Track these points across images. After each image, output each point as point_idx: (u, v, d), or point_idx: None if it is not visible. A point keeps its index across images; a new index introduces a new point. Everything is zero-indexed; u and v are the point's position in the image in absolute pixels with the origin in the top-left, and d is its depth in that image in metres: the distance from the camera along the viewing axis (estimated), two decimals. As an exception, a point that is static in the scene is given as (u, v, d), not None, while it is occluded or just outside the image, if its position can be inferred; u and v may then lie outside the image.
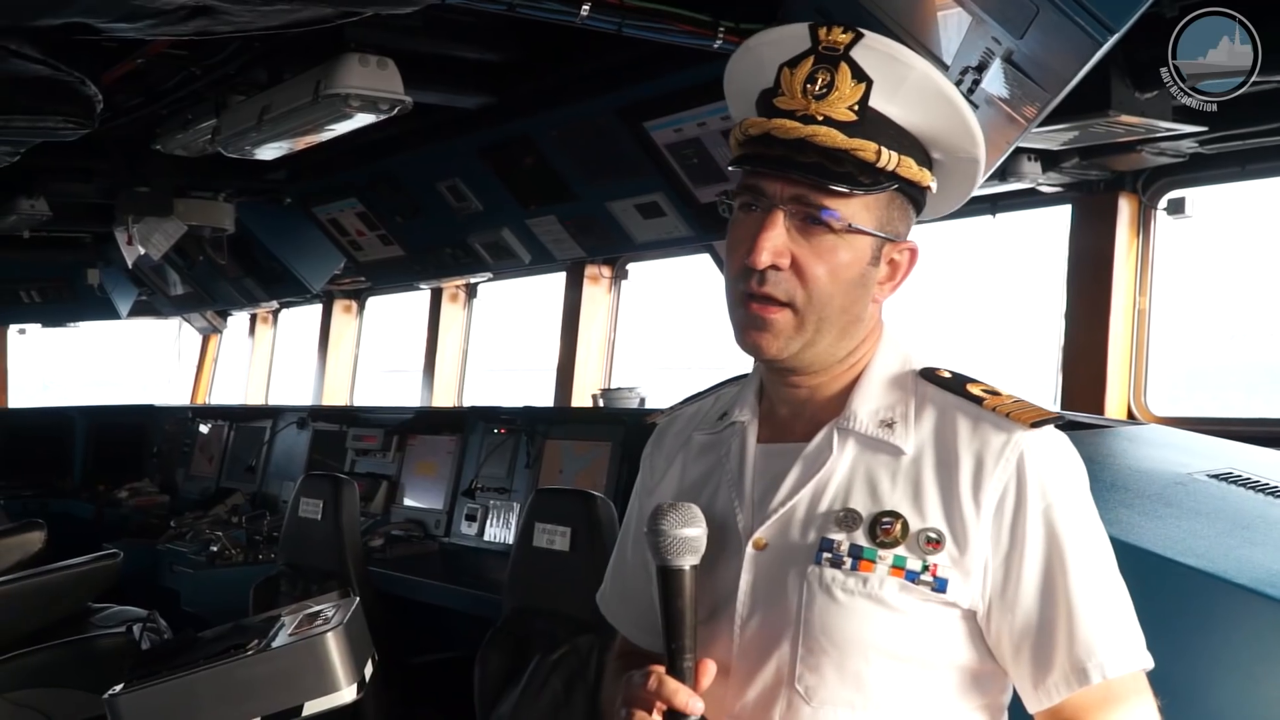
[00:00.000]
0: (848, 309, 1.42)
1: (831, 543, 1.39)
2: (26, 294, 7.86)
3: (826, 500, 1.41)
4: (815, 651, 1.37)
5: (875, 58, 1.38)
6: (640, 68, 3.64)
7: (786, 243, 1.38)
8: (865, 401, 1.45)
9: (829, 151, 1.36)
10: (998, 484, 1.37)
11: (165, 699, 2.26)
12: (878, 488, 1.40)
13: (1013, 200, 4.04)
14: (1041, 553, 1.36)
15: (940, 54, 2.29)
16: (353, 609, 2.48)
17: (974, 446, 1.39)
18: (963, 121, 1.43)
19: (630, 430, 4.42)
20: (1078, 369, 3.92)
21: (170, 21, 2.40)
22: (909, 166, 1.41)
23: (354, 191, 5.40)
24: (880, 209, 1.41)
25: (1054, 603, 1.36)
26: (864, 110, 1.37)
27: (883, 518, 1.38)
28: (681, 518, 1.38)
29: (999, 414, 1.40)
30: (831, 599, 1.37)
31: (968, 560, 1.36)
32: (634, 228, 4.38)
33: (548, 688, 3.20)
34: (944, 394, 1.45)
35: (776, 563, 1.41)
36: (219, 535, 5.27)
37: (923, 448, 1.41)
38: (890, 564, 1.36)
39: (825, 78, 1.37)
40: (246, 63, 3.54)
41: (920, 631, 1.37)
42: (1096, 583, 1.37)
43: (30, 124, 3.20)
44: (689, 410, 1.66)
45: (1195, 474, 2.49)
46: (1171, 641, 1.45)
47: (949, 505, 1.37)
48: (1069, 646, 1.35)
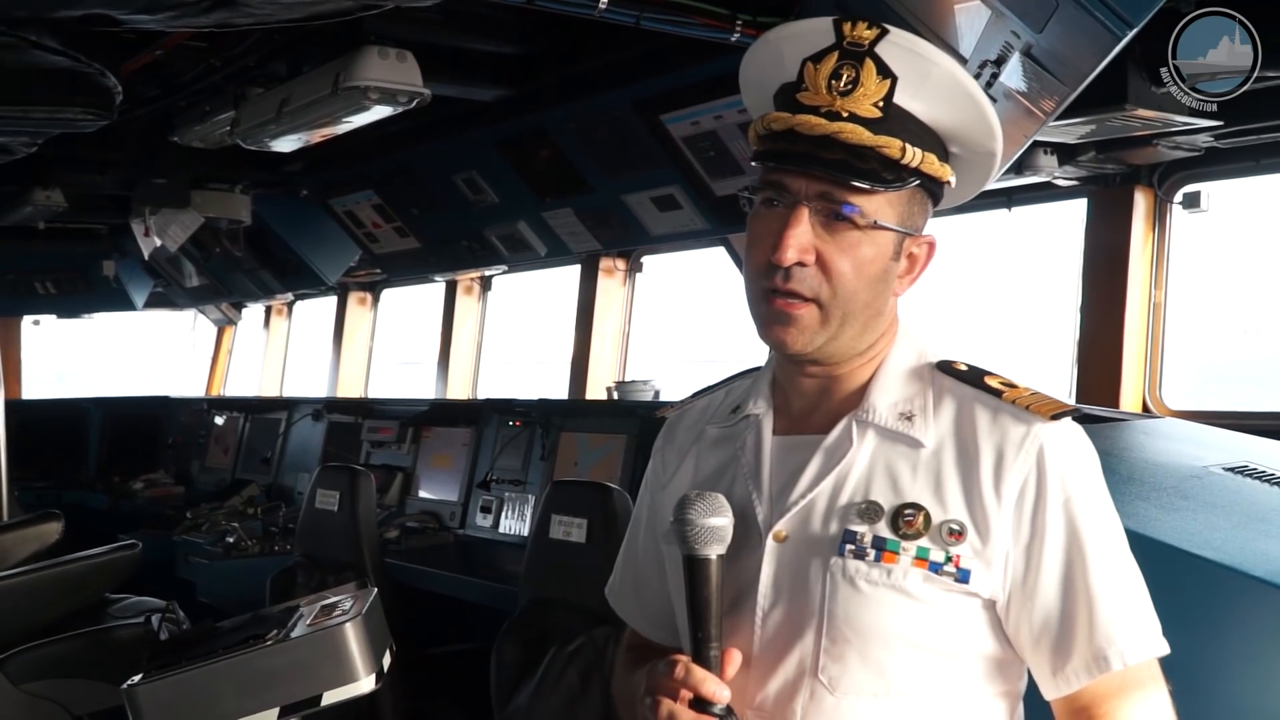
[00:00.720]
0: (871, 303, 1.43)
1: (854, 534, 1.39)
2: (42, 285, 7.88)
3: (847, 492, 1.42)
4: (839, 642, 1.38)
5: (900, 54, 1.38)
6: (657, 61, 3.64)
7: (811, 239, 1.39)
8: (884, 394, 1.46)
9: (854, 148, 1.37)
10: (1018, 475, 1.38)
11: (184, 689, 2.26)
12: (899, 480, 1.41)
13: (1029, 194, 4.04)
14: (1062, 543, 1.37)
15: (959, 47, 2.29)
16: (371, 600, 2.48)
17: (994, 438, 1.40)
18: (983, 117, 1.43)
19: (645, 423, 4.43)
20: (1093, 362, 3.92)
21: (191, 13, 2.41)
22: (931, 163, 1.41)
23: (370, 184, 5.41)
24: (902, 204, 1.42)
25: (1074, 592, 1.37)
26: (889, 107, 1.38)
27: (905, 509, 1.39)
28: (708, 507, 1.39)
29: (1018, 406, 1.41)
30: (855, 590, 1.38)
31: (989, 551, 1.37)
32: (650, 221, 4.38)
33: (564, 679, 3.21)
34: (962, 386, 1.45)
35: (798, 555, 1.42)
36: (235, 526, 5.29)
37: (943, 440, 1.42)
38: (913, 555, 1.37)
39: (850, 74, 1.37)
40: (266, 55, 3.55)
41: (942, 621, 1.38)
42: (1115, 571, 1.39)
43: (49, 115, 3.21)
44: (700, 404, 1.67)
45: (1211, 467, 2.49)
46: (1187, 633, 1.46)
47: (970, 496, 1.38)
48: (1089, 634, 1.36)
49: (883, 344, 1.49)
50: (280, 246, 6.30)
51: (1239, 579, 2.02)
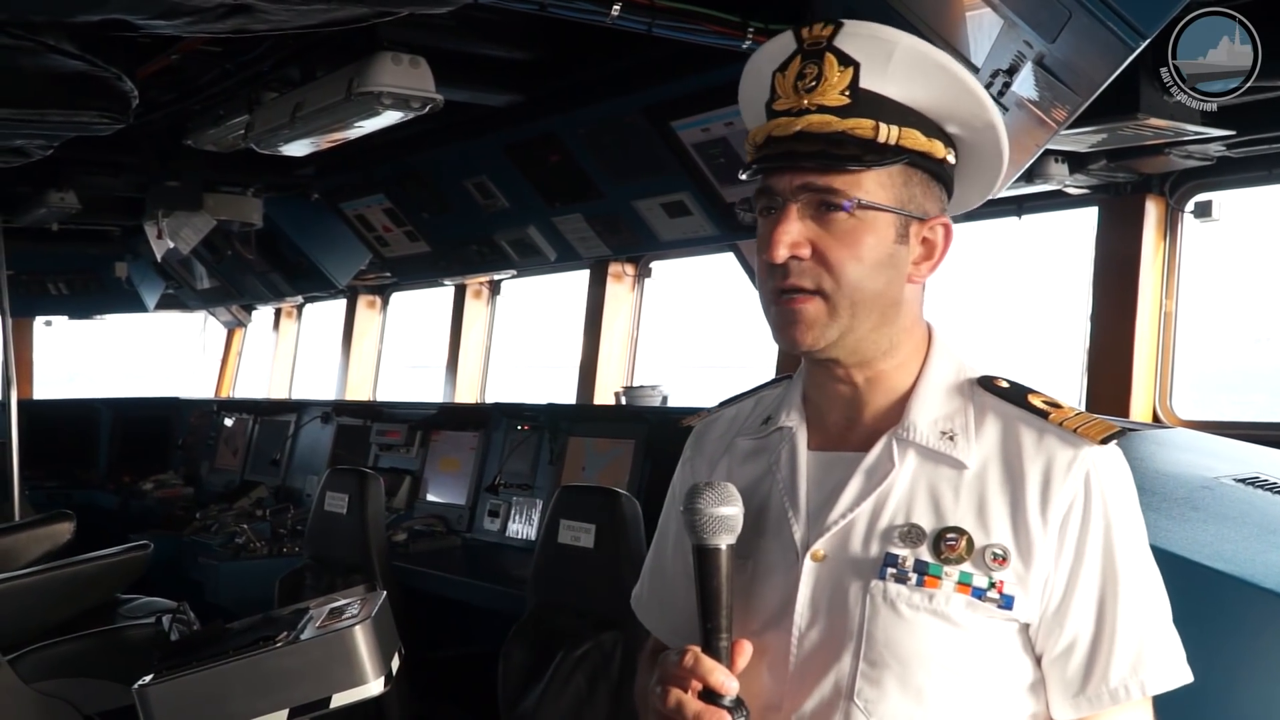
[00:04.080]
0: (882, 291, 1.41)
1: (895, 558, 1.38)
2: (54, 286, 7.92)
3: (888, 514, 1.41)
4: (877, 665, 1.37)
5: (859, 41, 1.39)
6: (668, 67, 3.65)
7: (804, 232, 1.39)
8: (924, 411, 1.44)
9: (828, 136, 1.37)
10: (1064, 499, 1.37)
11: (194, 689, 2.27)
12: (940, 503, 1.40)
13: (1039, 202, 4.04)
14: (1099, 568, 1.37)
15: (971, 56, 2.30)
16: (380, 603, 2.49)
17: (1040, 461, 1.39)
18: (965, 88, 1.42)
19: (653, 428, 4.43)
20: (1103, 371, 3.92)
21: (208, 19, 2.42)
22: (914, 137, 1.40)
23: (381, 188, 5.42)
24: (896, 185, 1.41)
25: (1106, 618, 1.37)
26: (856, 92, 1.38)
27: (947, 534, 1.38)
28: (718, 496, 1.38)
29: (1066, 429, 1.40)
30: (896, 614, 1.37)
31: (1031, 575, 1.36)
32: (660, 226, 4.39)
33: (571, 684, 3.21)
34: (1005, 405, 1.44)
35: (836, 575, 1.41)
36: (243, 528, 5.31)
37: (986, 462, 1.41)
38: (956, 580, 1.36)
39: (813, 71, 1.39)
40: (280, 60, 3.58)
41: (982, 646, 1.37)
42: (1147, 600, 1.39)
43: (66, 118, 3.22)
44: (728, 413, 1.66)
45: (1222, 478, 2.49)
46: (1198, 645, 1.45)
47: (1016, 521, 1.37)
48: (1118, 662, 1.36)
49: (909, 347, 1.48)
50: (291, 249, 6.32)
51: (1250, 591, 2.02)
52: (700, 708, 1.34)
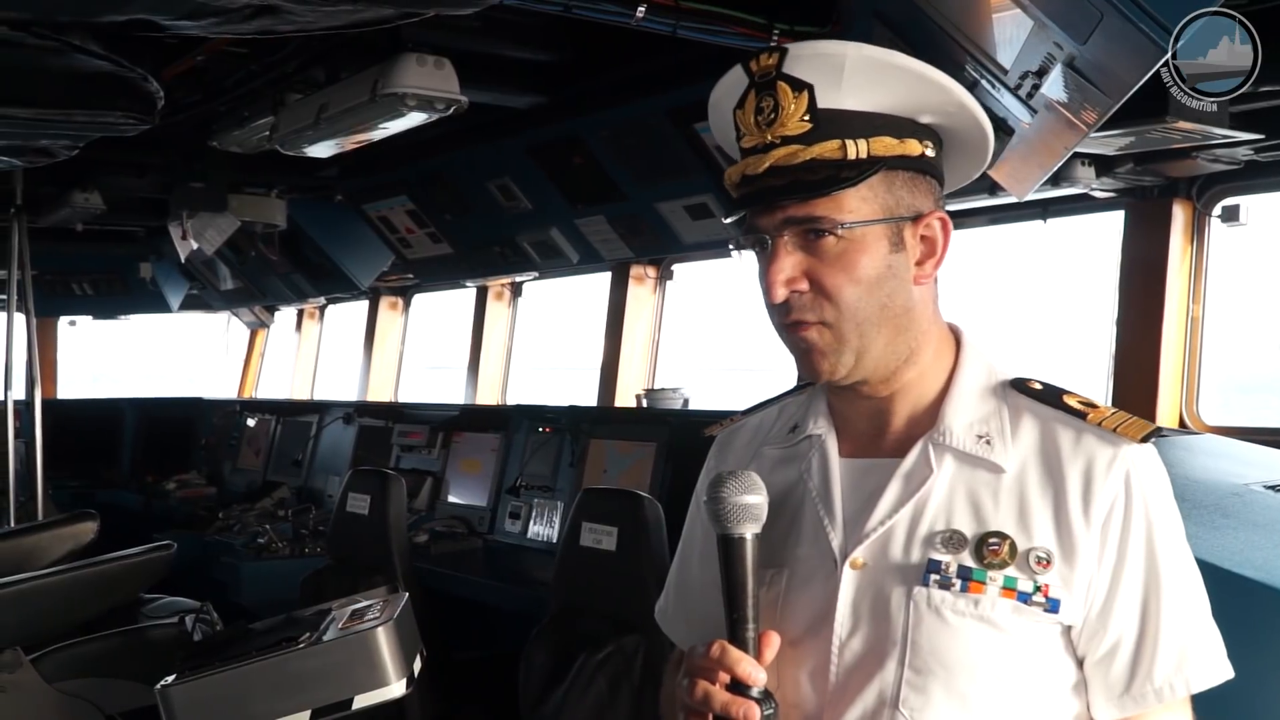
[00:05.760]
0: (887, 305, 1.40)
1: (938, 564, 1.37)
2: (79, 286, 7.97)
3: (927, 520, 1.39)
4: (923, 672, 1.35)
5: (806, 62, 1.38)
6: (691, 69, 3.64)
7: (798, 266, 1.38)
8: (959, 415, 1.43)
9: (798, 167, 1.37)
10: (1106, 499, 1.36)
11: (217, 690, 2.27)
12: (981, 508, 1.38)
13: (1065, 205, 4.00)
14: (1143, 567, 1.36)
15: (1000, 58, 2.28)
16: (402, 604, 2.49)
17: (1079, 462, 1.38)
18: (920, 78, 1.41)
19: (674, 431, 4.42)
20: (1129, 376, 3.88)
21: (233, 20, 2.42)
22: (885, 144, 1.38)
23: (405, 189, 5.44)
24: (880, 194, 1.40)
25: (1150, 617, 1.36)
26: (816, 114, 1.37)
27: (989, 538, 1.36)
28: (742, 485, 1.37)
29: (1104, 428, 1.39)
30: (941, 620, 1.35)
31: (1075, 577, 1.35)
32: (682, 228, 4.38)
33: (593, 687, 3.21)
34: (1040, 406, 1.43)
35: (877, 583, 1.39)
36: (266, 528, 5.32)
37: (1025, 465, 1.40)
38: (1001, 585, 1.35)
39: (769, 103, 1.38)
40: (305, 61, 3.59)
41: (1027, 650, 1.35)
42: (1189, 597, 1.38)
43: (91, 118, 3.24)
44: (752, 421, 1.64)
45: (1251, 484, 2.47)
46: (1229, 652, 1.44)
47: (1060, 523, 1.36)
48: (1162, 661, 1.36)
49: (930, 349, 1.46)
50: (314, 251, 6.34)
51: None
52: (728, 699, 1.32)
